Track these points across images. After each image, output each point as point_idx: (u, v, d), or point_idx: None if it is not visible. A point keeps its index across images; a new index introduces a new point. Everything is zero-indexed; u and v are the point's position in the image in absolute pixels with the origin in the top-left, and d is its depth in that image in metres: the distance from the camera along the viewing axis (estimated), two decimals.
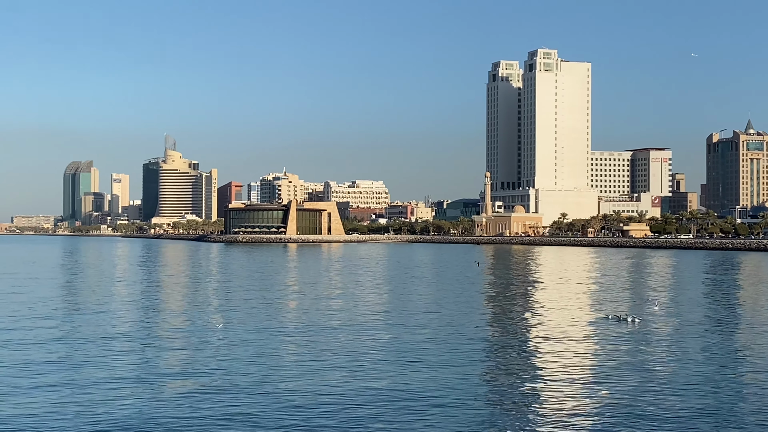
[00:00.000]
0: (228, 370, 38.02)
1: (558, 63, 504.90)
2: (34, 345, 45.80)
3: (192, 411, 30.14)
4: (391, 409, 30.40)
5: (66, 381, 35.46)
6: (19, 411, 30.12)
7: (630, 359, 41.39)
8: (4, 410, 30.21)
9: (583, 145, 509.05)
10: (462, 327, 54.14)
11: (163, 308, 68.74)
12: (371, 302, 72.71)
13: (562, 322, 56.94)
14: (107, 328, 53.83)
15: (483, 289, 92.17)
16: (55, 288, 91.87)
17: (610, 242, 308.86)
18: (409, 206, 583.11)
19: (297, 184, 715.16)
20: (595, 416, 29.60)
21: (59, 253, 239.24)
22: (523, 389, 34.31)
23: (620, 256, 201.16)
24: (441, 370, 38.19)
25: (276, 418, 29.21)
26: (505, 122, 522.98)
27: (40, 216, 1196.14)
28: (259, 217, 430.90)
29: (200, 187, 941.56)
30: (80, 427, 28.01)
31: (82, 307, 68.12)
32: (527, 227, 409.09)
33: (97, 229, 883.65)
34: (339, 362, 40.12)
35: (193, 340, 48.02)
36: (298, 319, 58.96)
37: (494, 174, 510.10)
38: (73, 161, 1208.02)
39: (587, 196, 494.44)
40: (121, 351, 43.93)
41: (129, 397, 32.35)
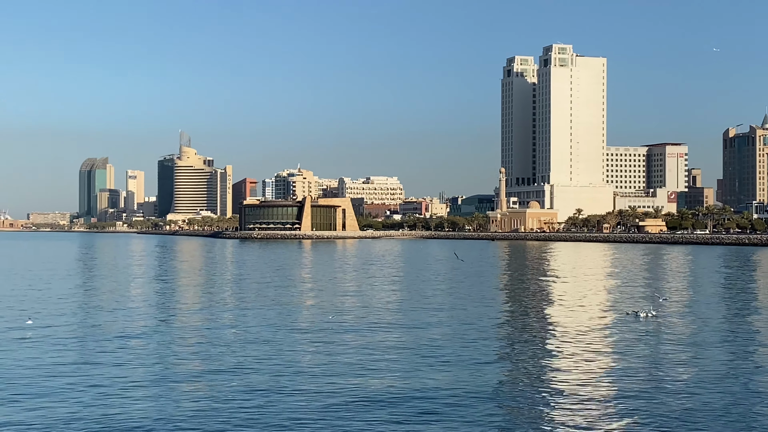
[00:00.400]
0: (243, 366, 38.01)
1: (573, 58, 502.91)
2: (52, 341, 45.94)
3: (206, 408, 30.14)
4: (407, 406, 30.31)
5: (82, 377, 35.54)
6: (36, 408, 30.20)
7: (646, 355, 41.15)
8: (21, 408, 30.28)
9: (598, 140, 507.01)
10: (477, 323, 53.99)
11: (179, 305, 68.87)
12: (386, 298, 72.61)
13: (577, 319, 56.70)
14: (124, 323, 53.95)
15: (498, 285, 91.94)
16: (73, 285, 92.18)
17: (625, 238, 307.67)
18: (423, 202, 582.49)
19: (311, 180, 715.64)
20: (613, 413, 29.41)
21: (76, 249, 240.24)
22: (538, 386, 34.15)
23: (636, 252, 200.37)
24: (457, 366, 38.10)
25: (290, 415, 29.16)
26: (520, 118, 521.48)
27: (56, 213, 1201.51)
28: (274, 213, 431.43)
29: (215, 184, 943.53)
30: (96, 423, 28.04)
31: (99, 304, 68.33)
32: (542, 223, 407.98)
33: (112, 226, 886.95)
34: (354, 359, 40.06)
35: (208, 337, 48.05)
36: (313, 316, 58.91)
37: (509, 170, 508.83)
38: (88, 158, 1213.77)
39: (603, 191, 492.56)
40: (138, 347, 44.00)
41: (144, 394, 32.40)
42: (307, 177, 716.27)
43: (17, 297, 74.70)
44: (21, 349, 43.61)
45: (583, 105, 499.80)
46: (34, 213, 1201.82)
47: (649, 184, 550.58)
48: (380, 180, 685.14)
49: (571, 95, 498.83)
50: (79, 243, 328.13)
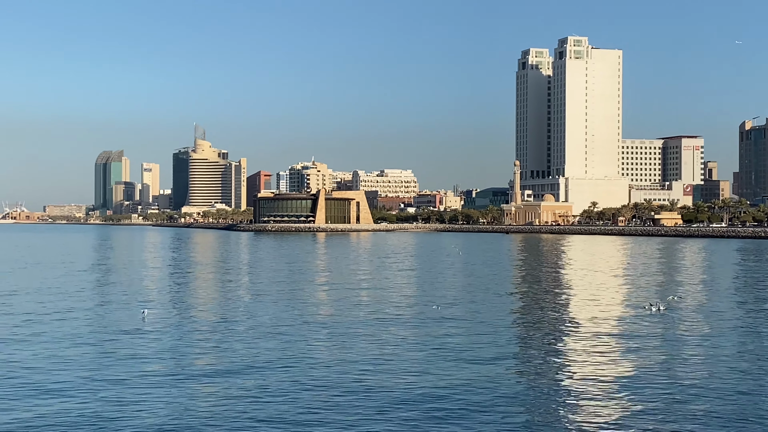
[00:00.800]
0: (256, 360, 37.94)
1: (588, 50, 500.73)
2: (68, 333, 46.05)
3: (220, 403, 30.11)
4: (419, 400, 30.20)
5: (97, 369, 35.59)
6: (51, 402, 30.22)
7: (661, 350, 40.87)
8: (36, 402, 30.32)
9: (614, 133, 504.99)
10: (491, 317, 53.81)
11: (195, 297, 69.02)
12: (399, 291, 72.48)
13: (591, 312, 56.42)
14: (139, 316, 54.02)
15: (512, 278, 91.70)
16: (90, 277, 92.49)
17: (641, 231, 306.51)
18: (437, 195, 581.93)
19: (325, 173, 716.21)
20: (629, 409, 29.20)
21: (92, 242, 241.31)
22: (551, 381, 33.99)
23: (651, 244, 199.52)
24: (470, 360, 37.95)
25: (304, 410, 29.08)
26: (535, 110, 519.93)
27: (72, 205, 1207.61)
28: (288, 206, 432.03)
29: (229, 177, 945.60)
30: (111, 417, 28.03)
31: (115, 297, 68.50)
32: (557, 216, 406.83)
33: (128, 218, 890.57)
34: (368, 353, 39.95)
35: (223, 330, 48.04)
36: (328, 309, 58.86)
37: (524, 162, 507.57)
38: (104, 151, 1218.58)
39: (618, 184, 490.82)
40: (153, 340, 44.02)
41: (159, 386, 32.40)
42: (322, 170, 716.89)
43: (41, 289, 74.94)
44: (38, 342, 43.70)
45: (598, 98, 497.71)
46: (50, 205, 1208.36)
47: (665, 177, 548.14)
48: (394, 173, 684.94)
49: (586, 88, 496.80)
50: (95, 235, 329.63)
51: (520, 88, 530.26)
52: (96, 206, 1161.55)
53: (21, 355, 39.05)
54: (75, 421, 27.47)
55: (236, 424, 27.15)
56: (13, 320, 51.78)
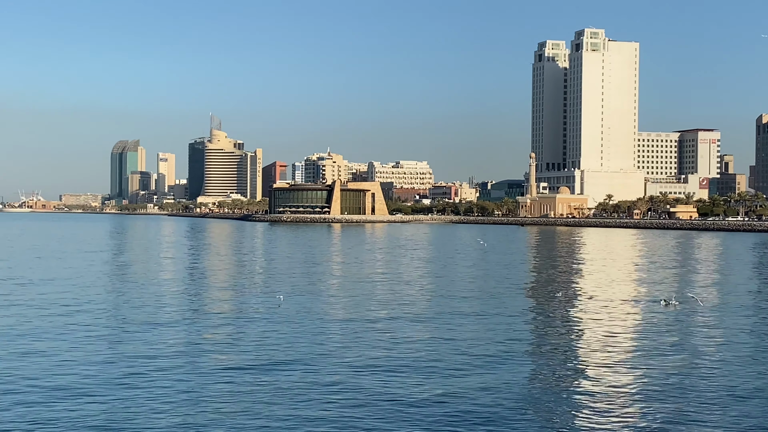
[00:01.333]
0: (269, 356, 38.35)
1: (605, 43, 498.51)
2: (84, 322, 46.67)
3: (233, 391, 30.57)
4: (433, 395, 30.55)
5: (115, 356, 36.17)
6: (64, 386, 30.77)
7: (675, 343, 41.09)
8: (50, 385, 30.87)
9: (630, 125, 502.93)
10: (505, 310, 54.12)
11: (210, 286, 69.60)
12: (414, 284, 72.83)
13: (606, 307, 56.63)
14: (156, 306, 54.62)
15: (528, 271, 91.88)
16: (106, 266, 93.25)
17: (656, 224, 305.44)
18: (453, 187, 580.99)
19: (341, 164, 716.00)
20: (643, 405, 29.50)
21: (110, 231, 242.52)
22: (565, 376, 34.28)
23: (667, 238, 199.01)
24: (483, 355, 38.25)
25: (317, 398, 29.53)
26: (551, 103, 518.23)
27: (88, 194, 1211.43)
28: (304, 196, 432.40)
29: (245, 167, 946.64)
30: (124, 406, 28.59)
31: (132, 285, 69.17)
32: (572, 209, 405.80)
33: (143, 208, 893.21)
34: (381, 347, 40.32)
35: (237, 319, 48.55)
36: (342, 301, 59.29)
37: (539, 155, 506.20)
38: (120, 140, 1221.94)
39: (634, 177, 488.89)
40: (167, 329, 44.58)
41: (174, 376, 32.88)
42: (337, 161, 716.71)
43: (57, 281, 75.71)
44: (57, 334, 44.31)
45: (614, 90, 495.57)
46: (66, 194, 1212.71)
47: (681, 170, 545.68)
48: (410, 164, 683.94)
49: (602, 80, 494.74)
50: (112, 225, 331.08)
51: (537, 81, 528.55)
52: (112, 195, 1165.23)
53: (40, 346, 39.72)
54: (92, 413, 28.06)
55: (246, 416, 27.62)
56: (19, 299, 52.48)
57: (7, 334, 41.95)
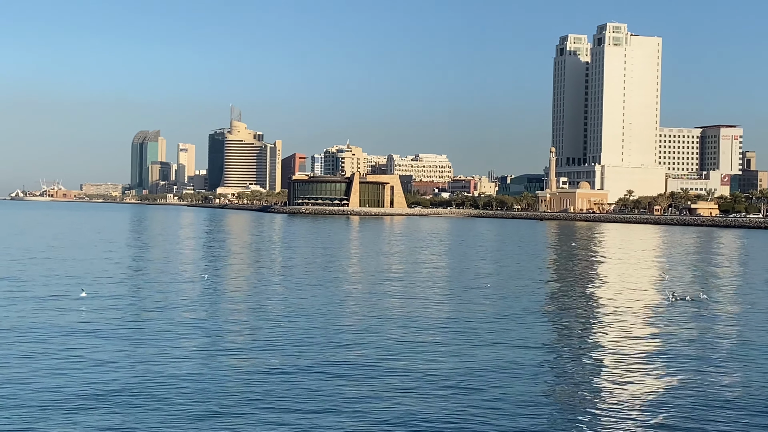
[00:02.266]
0: (286, 341, 38.43)
1: (627, 37, 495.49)
2: (104, 312, 46.88)
3: (251, 380, 30.58)
4: (449, 387, 30.48)
5: (132, 344, 36.28)
6: (82, 376, 30.88)
7: (687, 341, 40.80)
8: (67, 376, 30.99)
9: (651, 121, 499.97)
10: (523, 305, 53.97)
11: (229, 277, 69.78)
12: (431, 277, 72.73)
13: (621, 302, 56.36)
14: (176, 295, 54.79)
15: (545, 265, 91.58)
16: (127, 256, 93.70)
17: (676, 220, 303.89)
18: (472, 181, 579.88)
19: (360, 156, 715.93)
20: (657, 401, 29.30)
21: (134, 221, 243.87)
22: (579, 371, 34.14)
23: (687, 234, 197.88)
24: (501, 348, 38.17)
25: (335, 388, 29.49)
26: (572, 97, 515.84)
27: (109, 184, 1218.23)
28: (322, 189, 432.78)
29: (264, 158, 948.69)
30: (141, 390, 28.64)
31: (151, 276, 69.46)
32: (592, 204, 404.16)
33: (163, 198, 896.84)
34: (397, 337, 40.28)
35: (255, 309, 48.62)
36: (360, 291, 59.26)
37: (559, 149, 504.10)
38: (141, 131, 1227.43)
39: (654, 173, 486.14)
40: (186, 318, 44.70)
41: (191, 364, 32.95)
42: (356, 153, 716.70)
43: (73, 269, 76.14)
44: (73, 321, 44.53)
45: (636, 85, 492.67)
46: (86, 184, 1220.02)
47: (702, 166, 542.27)
48: (429, 157, 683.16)
49: (624, 75, 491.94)
50: (134, 215, 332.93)
51: (558, 75, 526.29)
52: (132, 185, 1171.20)
53: (67, 328, 39.92)
54: (112, 386, 28.14)
55: (264, 401, 27.61)
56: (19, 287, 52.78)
57: (19, 328, 42.22)
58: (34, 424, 24.71)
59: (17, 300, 50.89)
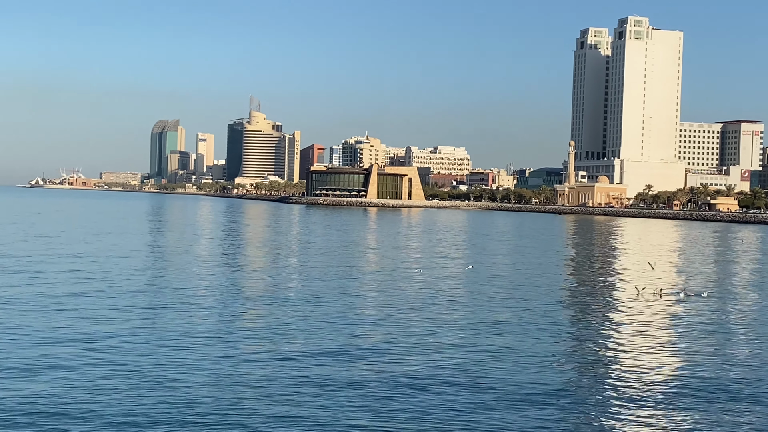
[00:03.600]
0: (303, 334, 38.62)
1: (649, 31, 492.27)
2: (119, 303, 47.28)
3: (266, 372, 30.81)
4: (463, 384, 30.58)
5: (150, 335, 36.63)
6: (95, 367, 31.21)
7: (702, 337, 40.74)
8: (86, 366, 31.32)
9: (671, 115, 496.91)
10: (539, 299, 54.02)
11: (247, 267, 70.13)
12: (449, 268, 72.80)
13: (634, 297, 56.26)
14: (193, 286, 55.13)
15: (562, 260, 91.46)
16: (145, 244, 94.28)
17: (695, 216, 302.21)
18: (490, 173, 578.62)
19: (378, 148, 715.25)
20: (673, 401, 29.33)
21: (155, 210, 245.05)
22: (594, 367, 34.19)
23: (706, 230, 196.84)
24: (517, 343, 38.26)
25: (349, 380, 29.67)
26: (592, 91, 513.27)
27: (128, 173, 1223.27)
28: (340, 180, 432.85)
29: (283, 149, 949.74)
30: (158, 379, 28.93)
31: (169, 266, 69.88)
32: (611, 198, 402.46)
33: (182, 187, 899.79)
34: (416, 330, 40.42)
35: (272, 301, 48.88)
36: (377, 283, 59.43)
37: (578, 143, 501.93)
38: (160, 120, 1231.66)
39: (674, 168, 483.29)
40: (204, 308, 45.02)
41: (207, 355, 33.22)
42: (375, 145, 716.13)
43: (94, 259, 76.68)
44: (90, 310, 44.94)
45: (657, 79, 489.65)
46: (106, 172, 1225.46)
47: (722, 161, 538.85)
48: (447, 150, 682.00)
49: (645, 69, 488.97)
50: (154, 204, 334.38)
51: (578, 68, 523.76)
52: (151, 174, 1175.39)
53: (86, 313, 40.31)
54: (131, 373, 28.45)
55: (279, 394, 27.83)
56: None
57: (42, 309, 42.69)
58: (51, 408, 25.03)
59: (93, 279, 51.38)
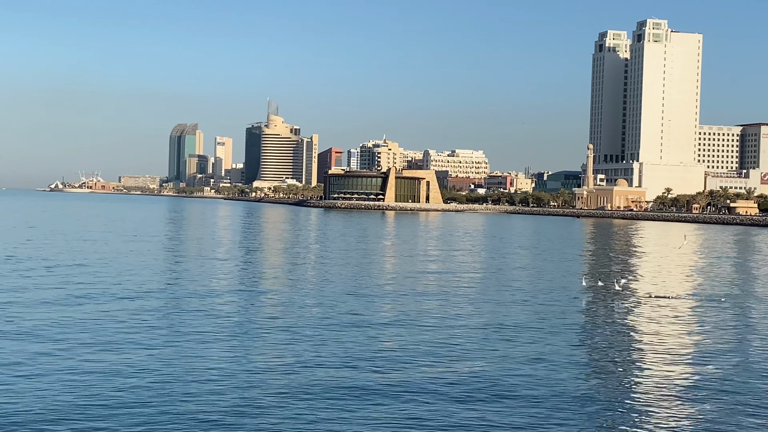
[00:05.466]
0: (320, 336, 38.64)
1: (668, 33, 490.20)
2: (136, 301, 47.47)
3: (282, 377, 30.84)
4: (479, 387, 30.51)
5: (168, 335, 36.74)
6: (116, 359, 31.34)
7: (722, 342, 40.48)
8: (106, 366, 31.43)
9: (690, 118, 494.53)
10: (557, 303, 53.82)
11: (265, 270, 70.27)
12: (468, 272, 72.69)
13: (652, 301, 55.97)
14: (211, 287, 55.29)
15: (581, 264, 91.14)
16: (163, 248, 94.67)
17: (715, 219, 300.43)
18: (508, 177, 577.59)
19: (396, 151, 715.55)
20: (690, 403, 29.16)
21: (175, 215, 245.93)
22: (611, 371, 34.04)
23: (725, 233, 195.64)
24: (535, 346, 38.15)
25: (367, 382, 29.66)
26: (611, 93, 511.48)
27: (147, 176, 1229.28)
28: (358, 183, 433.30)
29: (301, 153, 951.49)
30: (176, 374, 29.01)
31: (188, 268, 70.11)
32: (629, 201, 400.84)
33: (200, 191, 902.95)
34: (433, 336, 40.35)
35: (288, 304, 48.93)
36: (394, 287, 59.40)
37: (597, 146, 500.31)
38: (179, 123, 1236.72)
39: (693, 171, 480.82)
40: (222, 312, 45.14)
41: (222, 355, 33.30)
42: (392, 148, 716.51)
43: (115, 259, 77.04)
44: (108, 312, 45.13)
45: (676, 82, 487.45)
46: (125, 176, 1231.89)
47: (742, 164, 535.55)
48: (465, 153, 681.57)
49: (664, 72, 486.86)
50: (173, 208, 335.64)
51: (596, 71, 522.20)
52: (170, 178, 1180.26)
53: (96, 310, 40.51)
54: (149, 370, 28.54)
55: (294, 393, 27.86)
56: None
57: (63, 306, 42.91)
58: (66, 414, 25.15)
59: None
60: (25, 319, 40.41)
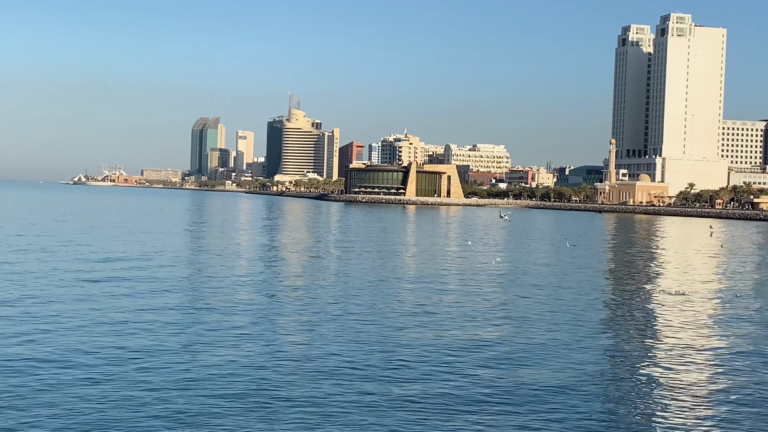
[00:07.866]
0: (337, 330, 38.77)
1: (691, 28, 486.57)
2: (156, 297, 47.76)
3: (298, 368, 30.94)
4: (496, 387, 30.50)
5: (186, 330, 36.95)
6: (128, 363, 31.55)
7: (741, 339, 40.24)
8: (126, 359, 31.66)
9: (714, 113, 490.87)
10: (575, 297, 53.68)
11: (287, 262, 70.48)
12: (487, 266, 72.60)
13: (674, 298, 55.69)
14: (232, 284, 55.53)
15: (601, 258, 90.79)
16: (185, 240, 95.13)
17: (738, 215, 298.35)
18: (530, 171, 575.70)
19: (417, 146, 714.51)
20: (713, 405, 29.03)
21: (199, 208, 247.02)
22: (629, 369, 33.90)
23: (749, 229, 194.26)
24: (553, 344, 38.07)
25: (384, 378, 29.71)
26: (633, 88, 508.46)
27: (169, 170, 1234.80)
28: (379, 177, 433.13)
29: (322, 147, 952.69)
30: (192, 369, 29.17)
31: (209, 260, 70.44)
32: (652, 197, 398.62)
33: (222, 185, 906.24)
34: (452, 333, 40.36)
35: (309, 296, 49.07)
36: (413, 281, 59.43)
37: (619, 141, 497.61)
38: (201, 117, 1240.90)
39: (716, 166, 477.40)
40: (243, 304, 45.34)
41: (244, 351, 33.44)
42: (414, 142, 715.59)
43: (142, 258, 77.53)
44: (128, 303, 45.46)
45: (699, 77, 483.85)
46: (147, 169, 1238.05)
47: (766, 160, 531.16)
48: (487, 148, 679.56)
49: (687, 66, 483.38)
50: (195, 201, 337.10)
51: (619, 65, 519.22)
52: (192, 171, 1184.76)
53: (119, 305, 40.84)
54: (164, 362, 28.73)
55: (315, 389, 27.96)
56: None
57: (85, 299, 43.24)
58: (83, 405, 25.35)
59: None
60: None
